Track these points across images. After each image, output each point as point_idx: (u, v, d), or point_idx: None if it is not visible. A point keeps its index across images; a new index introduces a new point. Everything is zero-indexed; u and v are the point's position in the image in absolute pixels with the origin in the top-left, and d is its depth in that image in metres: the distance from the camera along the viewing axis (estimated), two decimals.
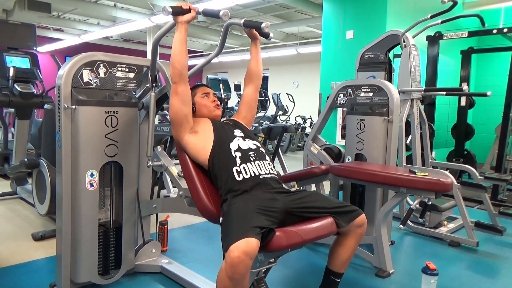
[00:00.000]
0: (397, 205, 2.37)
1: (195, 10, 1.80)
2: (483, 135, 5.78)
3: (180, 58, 1.80)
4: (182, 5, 1.79)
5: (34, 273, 2.25)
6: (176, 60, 1.80)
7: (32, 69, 3.35)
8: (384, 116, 2.56)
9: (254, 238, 1.39)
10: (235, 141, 1.87)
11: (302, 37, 11.21)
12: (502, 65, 5.74)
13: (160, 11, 8.16)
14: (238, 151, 1.82)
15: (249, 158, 1.81)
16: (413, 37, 3.29)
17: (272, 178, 1.82)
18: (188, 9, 1.78)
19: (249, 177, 1.76)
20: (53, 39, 11.11)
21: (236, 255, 1.34)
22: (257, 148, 1.90)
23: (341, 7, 5.22)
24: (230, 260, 1.36)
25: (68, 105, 1.84)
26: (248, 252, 1.36)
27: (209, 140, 1.86)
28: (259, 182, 1.75)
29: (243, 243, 1.36)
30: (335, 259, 1.80)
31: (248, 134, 1.97)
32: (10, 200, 3.79)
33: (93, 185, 1.94)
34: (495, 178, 3.48)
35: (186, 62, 1.83)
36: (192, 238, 2.96)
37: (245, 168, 1.77)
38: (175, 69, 1.81)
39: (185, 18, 1.79)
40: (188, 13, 1.79)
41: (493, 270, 2.60)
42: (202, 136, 1.89)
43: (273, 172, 1.86)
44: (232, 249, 1.36)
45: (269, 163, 1.88)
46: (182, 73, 1.82)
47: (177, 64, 1.80)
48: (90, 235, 1.97)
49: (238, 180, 1.75)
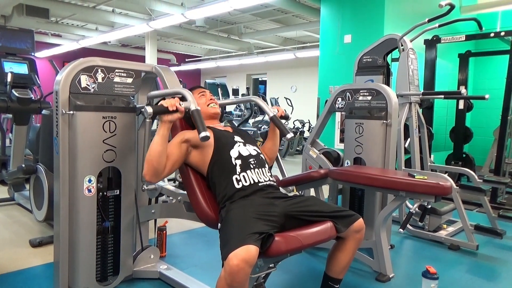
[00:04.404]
0: (396, 209, 2.36)
1: (183, 110, 1.67)
2: (482, 138, 5.79)
3: (159, 158, 1.67)
4: (170, 105, 1.65)
5: (32, 280, 2.23)
6: (155, 161, 1.66)
7: (30, 75, 3.35)
8: (382, 120, 2.56)
9: (254, 245, 1.38)
10: (235, 147, 1.85)
11: (300, 42, 11.24)
12: (499, 68, 5.76)
13: (158, 16, 8.18)
14: (239, 159, 1.81)
15: (249, 166, 1.80)
16: (410, 41, 3.30)
17: (270, 185, 1.82)
18: (175, 110, 1.66)
19: (248, 184, 1.75)
20: (51, 45, 11.12)
21: (235, 263, 1.33)
22: (257, 154, 1.89)
23: (339, 11, 5.24)
24: (229, 269, 1.34)
25: (66, 111, 1.83)
26: (248, 260, 1.34)
27: (209, 148, 1.84)
28: (257, 189, 1.75)
29: (242, 250, 1.35)
30: (334, 265, 1.79)
31: (248, 140, 1.97)
32: (7, 206, 3.77)
33: (91, 190, 1.93)
34: (494, 181, 3.48)
35: (164, 162, 1.70)
36: (191, 243, 2.95)
37: (245, 177, 1.77)
38: (151, 167, 1.67)
39: (170, 118, 1.68)
40: (175, 113, 1.67)
41: (493, 273, 2.59)
42: (201, 148, 1.84)
43: (272, 179, 1.86)
44: (231, 257, 1.34)
45: (268, 170, 1.88)
46: (157, 172, 1.69)
47: (156, 163, 1.67)
48: (88, 241, 1.96)
49: (237, 188, 1.74)
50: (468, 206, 3.95)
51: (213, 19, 9.09)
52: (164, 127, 1.69)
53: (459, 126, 5.09)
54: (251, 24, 9.74)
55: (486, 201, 3.17)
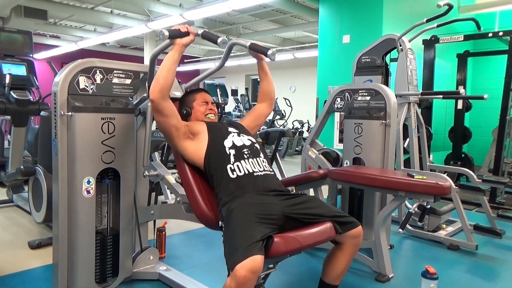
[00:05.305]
0: (395, 209, 2.36)
1: (194, 33, 1.77)
2: (480, 138, 5.80)
3: (167, 74, 1.74)
4: (181, 28, 1.75)
5: (31, 282, 2.23)
6: (162, 76, 1.73)
7: (28, 76, 3.34)
8: (381, 120, 2.56)
9: (259, 254, 1.38)
10: (229, 137, 1.87)
11: (298, 42, 11.25)
12: (498, 68, 5.77)
13: (157, 17, 8.19)
14: (232, 149, 1.82)
15: (243, 156, 1.81)
16: (409, 41, 3.30)
17: (267, 176, 1.81)
18: (186, 32, 1.75)
19: (242, 174, 1.76)
20: (49, 46, 11.10)
21: (243, 275, 1.34)
22: (252, 144, 1.90)
23: (337, 11, 5.24)
24: (236, 280, 1.35)
25: (65, 112, 1.83)
26: (255, 271, 1.36)
27: (204, 141, 1.86)
28: (253, 180, 1.75)
29: (249, 262, 1.35)
30: (330, 271, 1.78)
31: (242, 130, 1.98)
32: (6, 208, 3.76)
33: (90, 192, 1.93)
34: (493, 181, 3.47)
35: (171, 82, 1.77)
36: (190, 244, 2.94)
37: (239, 166, 1.78)
38: (157, 83, 1.73)
39: (184, 41, 1.76)
40: (187, 36, 1.76)
41: (492, 273, 2.59)
42: (196, 139, 1.88)
43: (268, 169, 1.85)
44: (239, 269, 1.35)
45: (264, 160, 1.87)
46: (162, 90, 1.73)
47: (162, 79, 1.73)
48: (87, 242, 1.96)
49: (232, 178, 1.75)
50: (467, 206, 3.95)
51: (212, 19, 9.09)
52: (177, 50, 1.76)
53: (458, 126, 5.10)
54: (249, 25, 9.75)
55: (485, 201, 3.17)
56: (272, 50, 1.75)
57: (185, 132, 1.86)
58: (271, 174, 1.85)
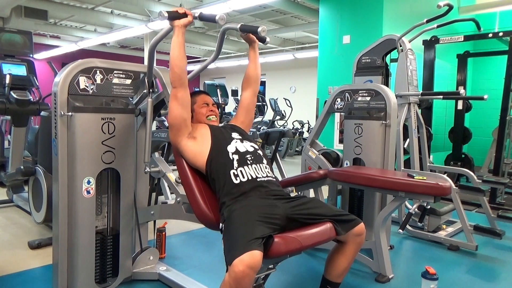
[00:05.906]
0: (395, 209, 2.36)
1: (191, 14, 1.82)
2: (480, 138, 5.80)
3: (178, 62, 1.80)
4: (178, 9, 1.80)
5: (31, 282, 2.22)
6: (175, 65, 1.80)
7: (28, 76, 3.34)
8: (381, 120, 2.56)
9: (258, 250, 1.38)
10: (232, 143, 1.87)
11: (299, 42, 11.25)
12: (498, 68, 5.77)
13: (157, 17, 8.18)
14: (236, 154, 1.82)
15: (246, 161, 1.81)
16: (409, 42, 3.30)
17: (270, 181, 1.81)
18: (184, 14, 1.79)
19: (246, 180, 1.75)
20: (49, 46, 11.10)
21: (241, 270, 1.33)
22: (255, 150, 1.89)
23: (338, 12, 5.25)
24: (234, 275, 1.34)
25: (65, 112, 1.83)
26: (253, 266, 1.35)
27: (207, 144, 1.86)
28: (256, 185, 1.75)
29: (248, 256, 1.35)
30: (333, 269, 1.78)
31: (246, 137, 1.98)
32: (6, 208, 3.76)
33: (90, 192, 1.93)
34: (493, 181, 3.48)
35: (185, 66, 1.83)
36: (190, 244, 2.94)
37: (242, 172, 1.77)
38: (174, 73, 1.81)
39: (182, 22, 1.80)
40: (185, 18, 1.80)
41: (492, 274, 2.59)
42: (199, 141, 1.88)
43: (271, 175, 1.85)
44: (237, 263, 1.35)
45: (266, 166, 1.87)
46: (181, 77, 1.82)
47: (176, 68, 1.81)
48: (87, 243, 1.96)
49: (235, 183, 1.74)
50: (467, 207, 3.95)
51: None
52: (179, 32, 1.80)
53: (458, 127, 5.10)
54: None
55: (485, 202, 3.17)
56: (262, 27, 1.78)
57: (190, 132, 1.89)
58: (273, 180, 1.85)
